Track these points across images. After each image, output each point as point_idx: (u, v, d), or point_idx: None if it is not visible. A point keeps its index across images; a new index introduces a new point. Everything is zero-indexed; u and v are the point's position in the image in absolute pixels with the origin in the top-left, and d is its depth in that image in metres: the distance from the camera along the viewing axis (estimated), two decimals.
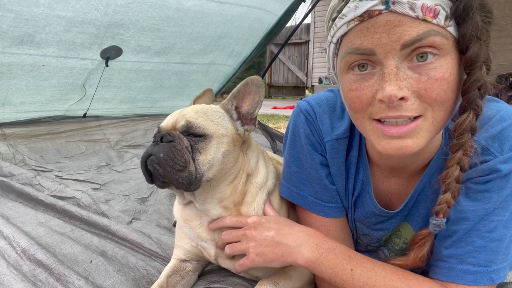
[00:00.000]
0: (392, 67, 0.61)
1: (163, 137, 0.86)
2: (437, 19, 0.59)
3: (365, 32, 0.62)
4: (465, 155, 0.66)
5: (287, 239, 0.82)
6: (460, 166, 0.67)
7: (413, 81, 0.61)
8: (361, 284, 0.75)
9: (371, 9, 0.60)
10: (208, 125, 0.88)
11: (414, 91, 0.61)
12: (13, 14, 1.99)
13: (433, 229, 0.70)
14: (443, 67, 0.60)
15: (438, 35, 0.59)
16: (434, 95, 0.61)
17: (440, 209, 0.68)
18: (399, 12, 0.59)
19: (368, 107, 0.67)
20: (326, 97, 0.92)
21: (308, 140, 0.90)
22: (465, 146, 0.65)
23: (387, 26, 0.60)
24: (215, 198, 0.92)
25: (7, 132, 2.50)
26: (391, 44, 0.60)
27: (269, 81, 12.91)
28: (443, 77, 0.60)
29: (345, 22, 0.64)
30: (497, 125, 0.71)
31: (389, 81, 0.61)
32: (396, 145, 0.65)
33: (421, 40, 0.59)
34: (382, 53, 0.61)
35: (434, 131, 0.66)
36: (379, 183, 0.89)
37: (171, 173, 0.82)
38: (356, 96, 0.67)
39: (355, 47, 0.64)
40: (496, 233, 0.70)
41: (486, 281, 0.70)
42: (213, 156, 0.86)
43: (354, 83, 0.67)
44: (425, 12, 0.58)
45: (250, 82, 0.91)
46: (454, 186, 0.67)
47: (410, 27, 0.59)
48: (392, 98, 0.61)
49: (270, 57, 11.48)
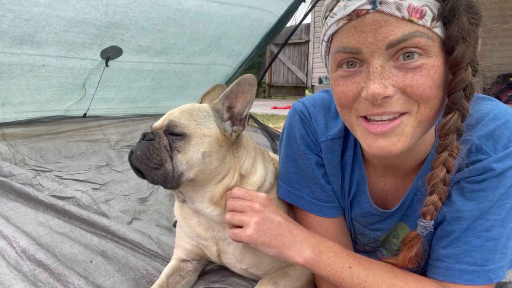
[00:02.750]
0: (377, 66, 0.62)
1: (146, 135, 0.90)
2: (423, 20, 0.60)
3: (352, 31, 0.63)
4: (451, 156, 0.65)
5: (292, 232, 0.82)
6: (446, 167, 0.66)
7: (398, 78, 0.62)
8: (360, 282, 0.76)
9: (358, 8, 0.61)
10: (189, 125, 0.88)
11: (400, 88, 0.62)
12: (13, 14, 1.99)
13: (421, 231, 0.70)
14: (429, 65, 0.61)
15: (424, 36, 0.60)
16: (420, 91, 0.62)
17: (427, 210, 0.68)
18: (386, 12, 0.59)
19: (353, 103, 0.68)
20: (320, 97, 0.93)
21: (304, 141, 0.90)
22: (451, 147, 0.65)
23: (374, 25, 0.61)
24: (205, 197, 0.92)
25: (7, 132, 2.51)
26: (376, 44, 0.61)
27: (269, 81, 12.91)
28: (428, 74, 0.61)
29: (335, 20, 0.65)
30: (490, 123, 0.71)
31: (373, 80, 0.62)
32: (381, 144, 0.66)
33: (406, 41, 0.60)
34: (368, 52, 0.62)
35: (420, 129, 0.66)
36: (375, 182, 0.89)
37: (147, 170, 0.86)
38: (342, 92, 0.68)
39: (343, 46, 0.65)
40: (492, 232, 0.70)
41: (484, 281, 0.71)
42: (192, 155, 0.87)
43: (341, 79, 0.68)
44: (411, 12, 0.59)
45: (243, 81, 0.90)
46: (441, 188, 0.67)
47: (395, 27, 0.60)
48: (376, 97, 0.62)
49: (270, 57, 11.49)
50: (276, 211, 0.85)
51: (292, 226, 0.84)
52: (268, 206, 0.85)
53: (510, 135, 0.69)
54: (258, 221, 0.81)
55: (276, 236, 0.81)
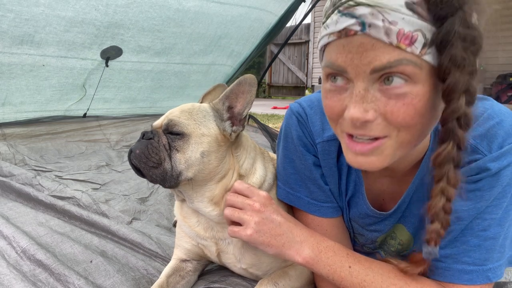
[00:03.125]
0: (361, 89, 0.61)
1: (145, 134, 0.90)
2: (413, 47, 0.57)
3: (340, 49, 0.61)
4: (450, 185, 0.62)
5: (292, 232, 0.83)
6: (445, 196, 0.63)
7: (381, 103, 0.61)
8: (359, 281, 0.76)
9: (348, 27, 0.59)
10: (188, 124, 0.89)
11: (381, 113, 0.61)
12: (13, 14, 1.99)
13: (426, 256, 0.68)
14: (413, 93, 0.59)
15: (410, 64, 0.57)
16: (399, 119, 0.60)
17: (430, 238, 0.66)
18: (373, 36, 0.57)
19: (339, 118, 0.67)
20: (317, 98, 0.92)
21: (301, 142, 0.90)
22: (448, 177, 0.62)
23: (360, 48, 0.59)
24: (205, 197, 0.92)
25: (7, 132, 2.51)
26: (361, 67, 0.59)
27: (269, 81, 12.91)
28: (410, 103, 0.59)
29: (327, 33, 0.64)
30: (485, 123, 0.71)
31: (354, 103, 0.61)
32: (360, 161, 0.67)
33: (390, 68, 0.58)
34: (353, 73, 0.61)
35: (402, 150, 0.66)
36: (371, 183, 0.89)
37: (145, 169, 0.87)
38: (329, 106, 0.68)
39: (331, 62, 0.63)
40: (490, 231, 0.70)
41: (483, 280, 0.71)
42: (190, 155, 0.87)
43: (329, 93, 0.67)
44: (400, 39, 0.56)
45: (243, 81, 0.90)
46: (443, 216, 0.65)
47: (382, 53, 0.57)
48: (354, 121, 0.61)
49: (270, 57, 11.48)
50: (277, 211, 0.85)
51: (292, 225, 0.84)
52: (269, 205, 0.85)
53: (504, 134, 0.69)
54: (258, 221, 0.82)
55: (276, 236, 0.81)
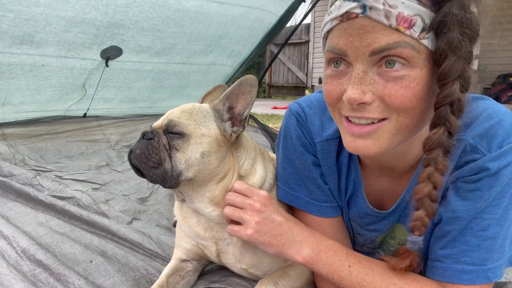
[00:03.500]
0: (359, 71, 0.63)
1: (145, 134, 0.91)
2: (411, 30, 0.59)
3: (342, 33, 0.63)
4: (438, 171, 0.63)
5: (292, 231, 0.83)
6: (432, 183, 0.64)
7: (379, 86, 0.62)
8: (359, 280, 0.76)
9: (350, 11, 0.61)
10: (189, 124, 0.89)
11: (379, 96, 0.63)
12: (13, 14, 1.99)
13: (410, 246, 0.69)
14: (411, 77, 0.61)
15: (408, 47, 0.59)
16: (397, 102, 0.62)
17: (414, 226, 0.66)
18: (374, 19, 0.59)
19: (337, 102, 0.69)
20: (317, 98, 0.93)
21: (300, 142, 0.91)
22: (436, 163, 0.63)
23: (361, 30, 0.61)
24: (205, 197, 0.92)
25: (7, 132, 2.51)
26: (361, 49, 0.61)
27: (269, 81, 12.91)
28: (408, 86, 0.61)
29: (330, 19, 0.66)
30: (484, 123, 0.71)
31: (352, 85, 0.63)
32: (357, 144, 0.68)
33: (389, 50, 0.60)
34: (353, 56, 0.63)
35: (400, 137, 0.67)
36: (371, 183, 0.89)
37: (145, 169, 0.87)
38: (328, 91, 0.70)
39: (333, 46, 0.66)
40: (489, 231, 0.70)
41: (482, 280, 0.71)
42: (190, 155, 0.87)
43: (329, 78, 0.69)
44: (400, 22, 0.58)
45: (244, 82, 0.90)
46: (428, 204, 0.65)
47: (381, 35, 0.60)
48: (351, 102, 0.63)
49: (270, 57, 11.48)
50: (277, 210, 0.86)
51: (292, 225, 0.84)
52: (269, 205, 0.86)
53: (504, 134, 0.69)
54: (259, 221, 0.82)
55: (276, 235, 0.82)
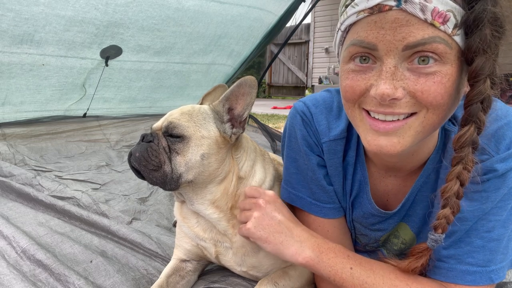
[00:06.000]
0: (391, 66, 0.61)
1: (145, 136, 0.90)
2: (445, 25, 0.58)
3: (372, 26, 0.61)
4: (466, 170, 0.63)
5: (292, 231, 0.83)
6: (460, 180, 0.64)
7: (410, 82, 0.61)
8: (360, 283, 0.75)
9: (382, 3, 0.59)
10: (188, 126, 0.88)
11: (410, 92, 0.61)
12: (13, 13, 1.99)
13: (431, 244, 0.68)
14: (442, 72, 0.60)
15: (443, 43, 0.58)
16: (430, 98, 0.61)
17: (438, 224, 0.66)
18: (409, 12, 0.58)
19: (360, 98, 0.67)
20: (322, 97, 0.92)
21: (305, 142, 0.90)
22: (465, 160, 0.63)
23: (394, 23, 0.59)
24: (205, 199, 0.92)
25: (7, 132, 2.50)
26: (394, 43, 0.59)
27: (269, 81, 12.91)
28: (441, 82, 0.60)
29: (355, 11, 0.63)
30: (493, 124, 0.70)
31: (385, 79, 0.61)
32: (381, 142, 0.66)
33: (424, 45, 0.58)
34: (384, 50, 0.61)
35: (423, 133, 0.65)
36: (376, 183, 0.88)
37: (145, 172, 0.87)
38: (350, 86, 0.67)
39: (360, 39, 0.63)
40: (494, 232, 0.70)
41: (485, 281, 0.70)
42: (190, 157, 0.87)
43: (351, 73, 0.67)
44: (435, 16, 0.57)
45: (243, 83, 0.90)
46: (454, 201, 0.65)
47: (416, 29, 0.58)
48: (384, 97, 0.61)
49: (270, 57, 11.48)
50: (279, 209, 0.85)
51: (293, 225, 0.84)
52: (272, 203, 0.86)
53: None
54: (258, 216, 0.83)
55: (274, 233, 0.82)
